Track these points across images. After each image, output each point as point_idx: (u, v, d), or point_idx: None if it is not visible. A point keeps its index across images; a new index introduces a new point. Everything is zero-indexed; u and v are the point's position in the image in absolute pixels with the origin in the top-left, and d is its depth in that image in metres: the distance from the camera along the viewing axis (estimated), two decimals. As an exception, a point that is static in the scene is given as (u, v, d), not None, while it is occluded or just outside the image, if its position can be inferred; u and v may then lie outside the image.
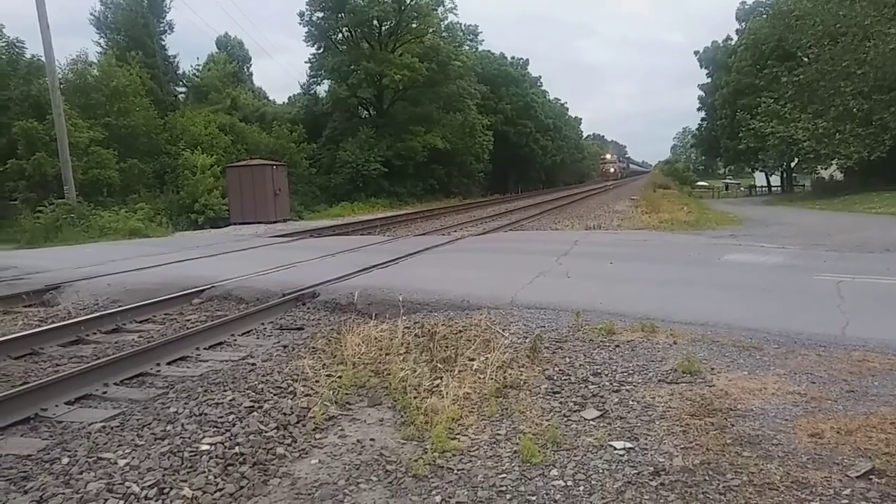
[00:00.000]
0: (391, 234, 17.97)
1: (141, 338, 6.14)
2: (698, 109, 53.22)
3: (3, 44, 23.39)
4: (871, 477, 2.89)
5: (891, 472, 2.92)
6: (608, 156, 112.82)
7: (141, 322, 6.79)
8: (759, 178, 57.60)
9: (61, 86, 20.48)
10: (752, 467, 3.02)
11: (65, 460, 3.29)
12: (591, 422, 3.69)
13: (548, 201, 36.22)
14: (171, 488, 2.98)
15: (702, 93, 51.86)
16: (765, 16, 39.42)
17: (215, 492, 2.99)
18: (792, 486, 2.85)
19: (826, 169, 36.05)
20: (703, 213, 22.62)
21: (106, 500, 2.86)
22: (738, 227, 16.97)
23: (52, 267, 10.28)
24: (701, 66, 50.73)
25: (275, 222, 22.70)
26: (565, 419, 3.74)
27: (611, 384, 4.25)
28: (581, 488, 2.95)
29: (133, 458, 3.27)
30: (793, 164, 41.82)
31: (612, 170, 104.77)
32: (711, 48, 49.53)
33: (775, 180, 51.40)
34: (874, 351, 4.74)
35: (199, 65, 37.49)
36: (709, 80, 49.80)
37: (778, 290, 7.22)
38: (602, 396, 4.05)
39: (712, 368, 4.46)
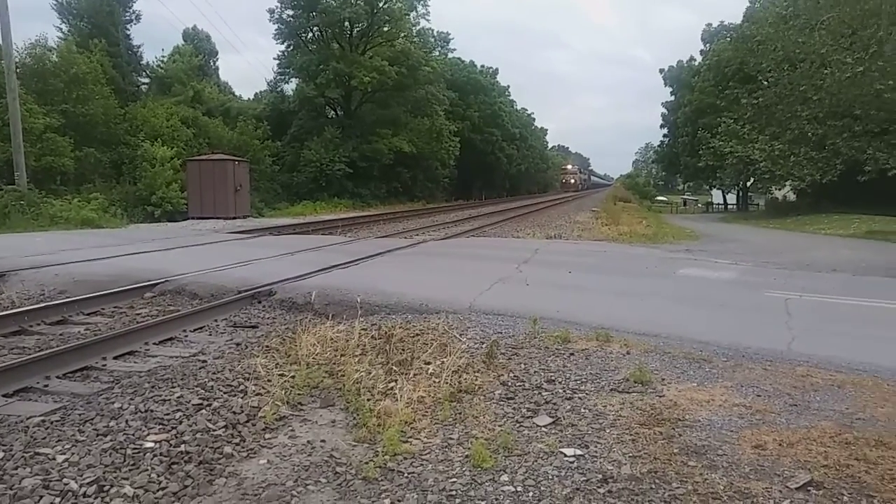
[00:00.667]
0: (353, 236, 17.84)
1: (87, 330, 5.95)
2: (661, 126, 54.47)
3: (-43, 23, 22.50)
4: (809, 489, 2.98)
5: (828, 484, 3.02)
6: (569, 166, 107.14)
7: (88, 314, 6.58)
8: (717, 196, 59.05)
9: (18, 70, 19.75)
10: (697, 477, 3.08)
11: (-1, 455, 3.16)
12: (543, 428, 3.72)
13: (511, 209, 36.47)
14: (112, 486, 2.89)
15: (665, 110, 53.05)
16: (728, 39, 40.58)
17: (158, 490, 2.92)
18: (735, 495, 2.92)
19: (780, 189, 37.25)
20: (661, 227, 23.09)
21: (41, 496, 2.76)
22: (693, 242, 17.36)
23: (-2, 255, 9.89)
24: (665, 84, 51.94)
25: (234, 218, 22.31)
26: (518, 425, 3.76)
27: (564, 392, 4.29)
28: (530, 494, 2.96)
29: (73, 454, 3.17)
30: (749, 184, 43.03)
31: (572, 181, 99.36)
32: (676, 67, 50.73)
33: (731, 198, 52.82)
34: (818, 367, 4.89)
35: (164, 56, 36.66)
36: (672, 97, 50.98)
37: (729, 305, 7.41)
38: (555, 403, 4.08)
39: (663, 379, 4.54)
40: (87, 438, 3.36)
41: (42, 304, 6.63)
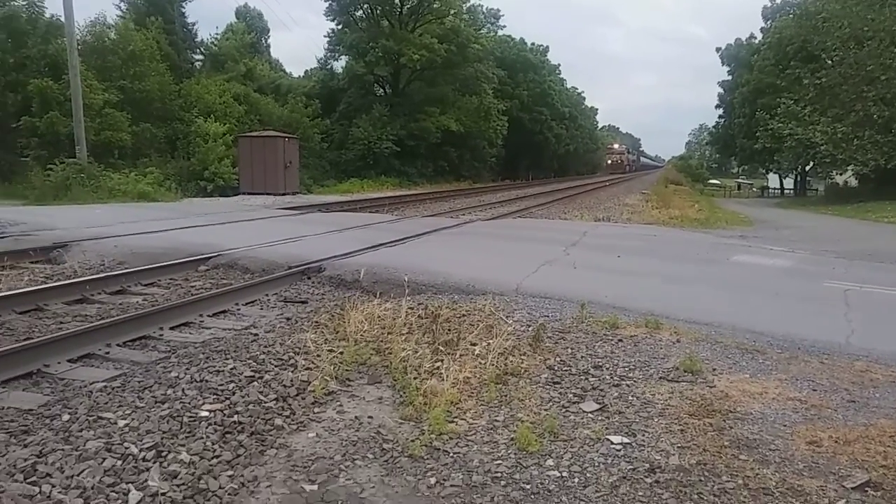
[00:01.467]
0: (399, 214, 17.94)
1: (145, 301, 6.17)
2: (716, 107, 52.83)
3: (24, 2, 23.27)
4: (866, 489, 2.88)
5: (887, 485, 2.91)
6: (616, 146, 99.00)
7: (146, 285, 6.81)
8: (773, 180, 57.21)
9: (79, 47, 20.36)
10: (748, 471, 3.02)
11: (65, 417, 3.32)
12: (590, 414, 3.69)
13: (559, 190, 36.04)
14: (170, 452, 3.00)
15: (721, 90, 51.43)
16: (791, 15, 38.83)
17: (212, 458, 3.01)
18: (787, 492, 2.85)
19: (841, 174, 35.74)
20: (714, 211, 22.51)
21: (104, 459, 2.88)
22: (748, 227, 16.87)
23: (60, 225, 10.31)
24: (723, 63, 50.27)
25: (283, 194, 22.67)
26: (564, 410, 3.75)
27: (611, 378, 4.24)
28: (576, 480, 2.95)
29: (133, 419, 3.29)
30: (808, 168, 41.49)
31: (620, 161, 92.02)
32: (734, 45, 49.02)
33: (788, 183, 51.09)
34: (878, 362, 4.71)
35: (217, 34, 37.31)
36: (730, 77, 49.34)
37: (784, 295, 7.18)
38: (602, 390, 4.05)
39: (714, 369, 4.45)
40: (146, 405, 3.49)
41: (102, 275, 6.89)
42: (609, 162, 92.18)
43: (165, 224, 11.25)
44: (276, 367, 4.19)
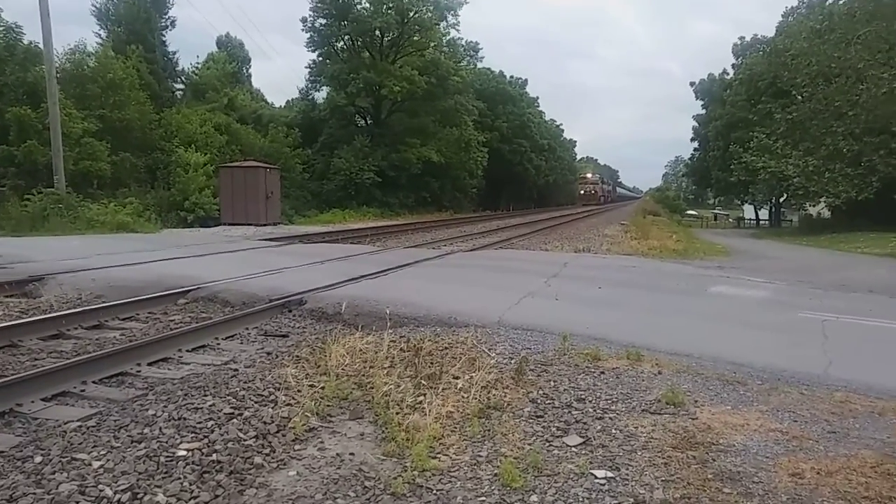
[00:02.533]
0: (381, 245, 17.93)
1: (123, 336, 6.06)
2: (692, 139, 53.99)
3: (1, 28, 23.17)
4: (849, 521, 2.89)
5: (869, 517, 2.93)
6: (589, 175, 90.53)
7: (124, 320, 6.70)
8: (748, 211, 58.20)
9: (58, 75, 20.32)
10: (732, 504, 3.02)
11: (38, 459, 3.22)
12: (574, 448, 3.67)
13: (539, 220, 36.34)
14: (146, 493, 2.93)
15: (696, 123, 52.58)
16: (761, 52, 40.07)
17: (189, 499, 2.94)
18: (771, 525, 2.85)
19: (814, 206, 36.49)
20: (692, 242, 22.78)
21: (77, 502, 2.80)
22: (725, 258, 17.09)
23: (37, 257, 10.15)
24: (696, 98, 51.55)
25: (265, 225, 22.60)
26: (547, 444, 3.72)
27: (594, 411, 4.24)
28: (561, 516, 2.92)
29: (108, 460, 3.21)
30: (781, 200, 42.31)
31: (593, 191, 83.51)
32: (707, 80, 50.28)
33: (764, 214, 51.97)
34: (856, 392, 4.76)
35: (198, 63, 37.47)
36: (703, 111, 50.50)
37: (763, 326, 7.26)
38: (585, 423, 4.04)
39: (696, 401, 4.47)
40: (122, 445, 3.41)
41: (79, 309, 6.78)
42: (581, 192, 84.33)
43: (144, 256, 11.12)
44: (255, 403, 4.13)
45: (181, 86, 35.58)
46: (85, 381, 4.50)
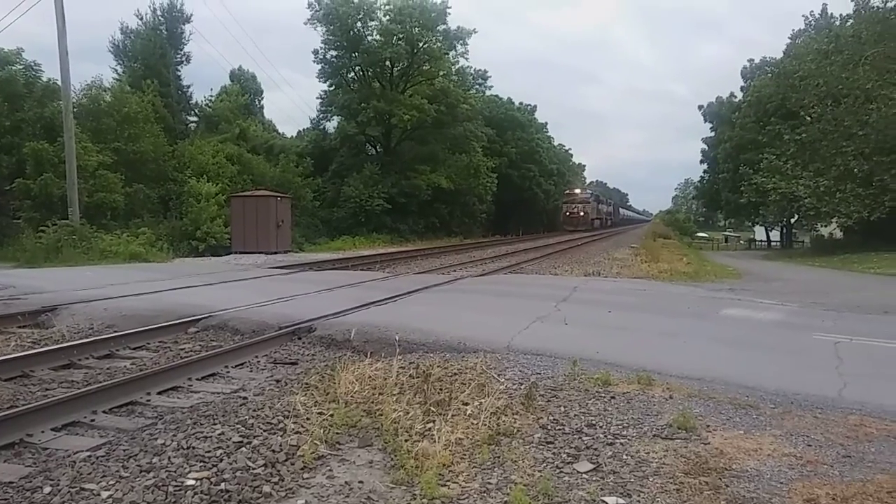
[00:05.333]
0: (391, 271, 17.97)
1: (133, 365, 6.10)
2: (701, 162, 53.85)
3: (21, 67, 23.77)
4: (866, 547, 2.83)
5: (887, 543, 2.87)
6: (577, 190, 65.04)
7: (135, 349, 6.74)
8: (759, 233, 57.88)
9: (74, 110, 20.73)
10: (745, 531, 2.96)
11: (46, 489, 3.24)
12: (584, 475, 3.63)
13: (548, 245, 36.27)
14: (154, 524, 2.92)
15: (705, 146, 52.55)
16: (769, 74, 40.15)
17: (198, 530, 2.93)
18: (786, 552, 2.80)
19: (826, 226, 36.27)
20: (703, 264, 22.66)
21: (86, 533, 2.80)
22: (736, 280, 16.96)
23: (50, 288, 10.26)
24: (705, 120, 51.57)
25: (276, 253, 22.73)
26: (558, 471, 3.69)
27: (605, 437, 4.20)
28: (571, 544, 2.88)
29: (117, 490, 3.22)
30: (793, 221, 42.06)
31: (583, 213, 60.08)
32: (716, 103, 50.38)
33: (775, 235, 51.63)
34: (871, 416, 4.69)
35: (212, 95, 38.11)
36: (712, 133, 50.49)
37: (775, 348, 7.18)
38: (596, 449, 4.00)
39: (708, 426, 4.41)
40: (131, 475, 3.42)
41: (90, 339, 6.83)
42: (567, 214, 60.66)
43: (156, 285, 11.21)
44: (264, 431, 4.13)
45: (195, 118, 36.16)
46: (95, 411, 4.52)
